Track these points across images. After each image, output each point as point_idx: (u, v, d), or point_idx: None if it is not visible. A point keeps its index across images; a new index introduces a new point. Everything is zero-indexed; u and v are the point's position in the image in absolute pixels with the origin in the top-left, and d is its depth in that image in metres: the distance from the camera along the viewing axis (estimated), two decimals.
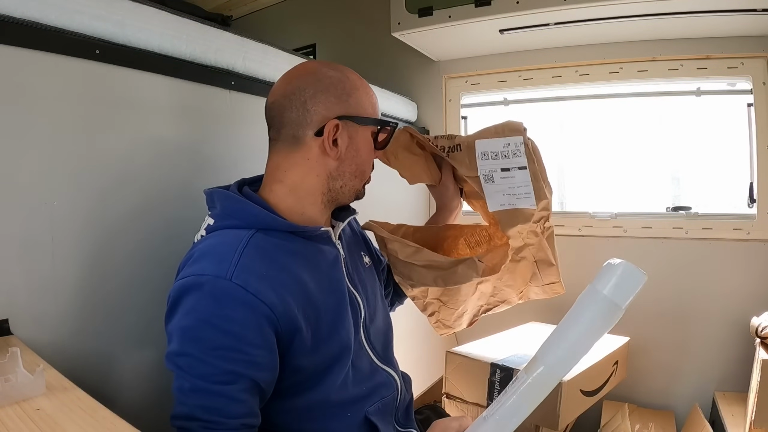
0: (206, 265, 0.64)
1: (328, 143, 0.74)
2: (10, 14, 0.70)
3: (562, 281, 1.07)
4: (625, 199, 1.78)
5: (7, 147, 0.70)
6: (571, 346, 0.61)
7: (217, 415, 0.60)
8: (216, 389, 0.60)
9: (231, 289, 0.61)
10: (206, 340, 0.61)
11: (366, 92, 0.79)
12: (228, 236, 0.68)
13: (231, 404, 0.61)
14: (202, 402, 0.60)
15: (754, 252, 1.51)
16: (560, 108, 1.92)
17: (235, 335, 0.61)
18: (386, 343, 0.86)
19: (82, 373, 0.76)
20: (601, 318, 0.60)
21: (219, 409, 0.60)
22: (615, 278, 0.60)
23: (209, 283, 0.62)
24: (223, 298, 0.61)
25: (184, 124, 0.96)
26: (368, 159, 0.80)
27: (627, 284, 0.60)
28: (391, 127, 0.81)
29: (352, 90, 0.77)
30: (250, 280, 0.62)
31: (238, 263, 0.63)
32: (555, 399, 1.15)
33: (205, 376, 0.61)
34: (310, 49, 2.28)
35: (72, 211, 0.78)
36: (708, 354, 1.56)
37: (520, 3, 1.39)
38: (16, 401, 0.52)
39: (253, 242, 0.67)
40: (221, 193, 0.73)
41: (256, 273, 0.64)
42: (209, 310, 0.61)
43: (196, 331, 0.61)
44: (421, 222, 1.17)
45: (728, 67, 1.54)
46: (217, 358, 0.61)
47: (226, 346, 0.61)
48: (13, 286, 0.71)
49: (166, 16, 0.92)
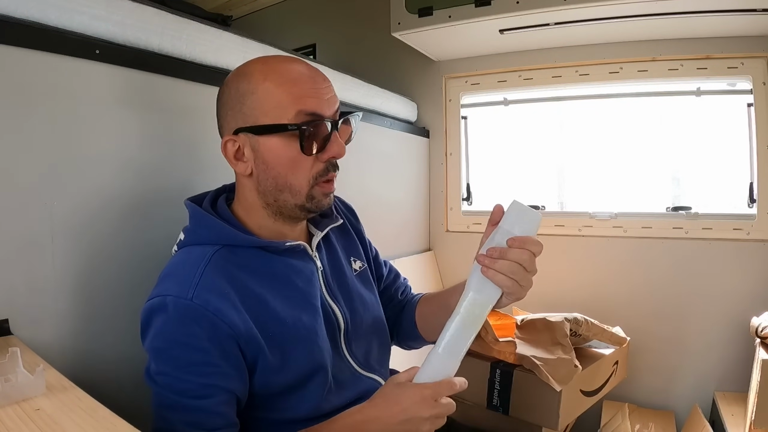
0: (170, 286, 0.64)
1: (231, 160, 0.71)
2: (10, 14, 0.70)
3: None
4: (625, 199, 1.78)
5: (7, 147, 0.70)
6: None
7: (200, 429, 0.61)
8: (195, 404, 0.62)
9: (192, 308, 0.62)
10: (178, 359, 0.62)
11: (269, 89, 0.67)
12: (193, 253, 0.69)
13: (210, 417, 0.62)
14: (183, 417, 0.62)
15: (754, 252, 1.51)
16: (560, 108, 1.92)
17: (204, 351, 0.62)
18: (370, 350, 0.83)
19: (82, 373, 0.76)
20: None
21: (200, 423, 0.62)
22: (512, 216, 0.67)
23: (172, 303, 0.62)
24: (185, 318, 0.62)
25: (184, 124, 0.96)
26: (288, 170, 0.69)
27: (521, 219, 0.66)
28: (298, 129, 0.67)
29: (249, 93, 0.68)
30: (210, 300, 0.63)
31: (198, 283, 0.63)
32: (555, 399, 1.15)
33: (183, 392, 0.62)
34: (310, 49, 2.28)
35: (72, 211, 0.78)
36: (708, 354, 1.56)
37: (520, 3, 1.39)
38: (16, 401, 0.52)
39: (214, 260, 0.67)
40: (191, 207, 0.74)
41: (216, 292, 0.64)
42: (176, 330, 0.62)
43: (168, 351, 0.63)
44: (421, 221, 1.18)
45: (728, 67, 1.54)
46: (191, 374, 0.62)
47: (198, 362, 0.62)
48: (13, 286, 0.71)
49: (166, 16, 0.92)
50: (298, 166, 0.69)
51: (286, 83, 0.68)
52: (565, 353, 1.19)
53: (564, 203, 1.95)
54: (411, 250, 1.88)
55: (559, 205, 1.95)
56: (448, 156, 1.97)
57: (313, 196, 0.71)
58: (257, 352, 0.66)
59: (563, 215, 1.82)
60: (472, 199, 1.99)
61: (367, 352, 0.83)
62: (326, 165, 0.71)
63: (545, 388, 1.14)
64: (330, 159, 0.71)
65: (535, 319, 1.28)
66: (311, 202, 0.72)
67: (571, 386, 1.17)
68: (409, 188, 1.89)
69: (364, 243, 0.94)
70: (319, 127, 0.69)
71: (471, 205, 1.99)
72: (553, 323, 1.24)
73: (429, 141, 1.99)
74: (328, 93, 0.70)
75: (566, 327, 1.24)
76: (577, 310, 1.37)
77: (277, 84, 0.68)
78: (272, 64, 0.70)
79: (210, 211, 0.73)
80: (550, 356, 1.18)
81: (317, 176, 0.71)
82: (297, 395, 0.70)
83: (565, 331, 1.23)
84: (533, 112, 1.95)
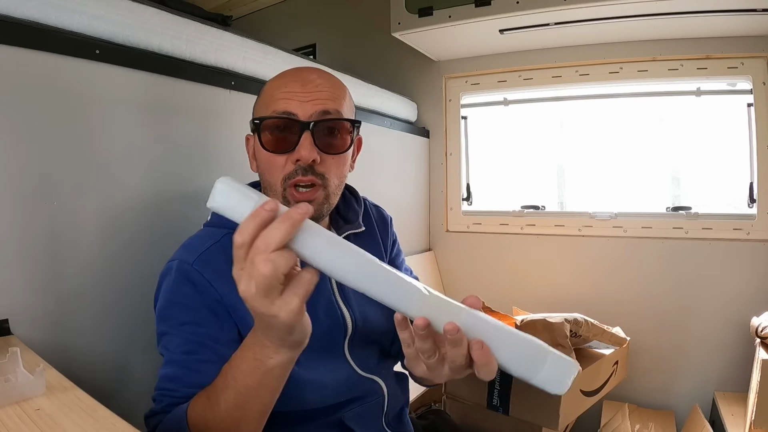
0: (179, 254, 0.70)
1: (249, 158, 0.76)
2: (10, 14, 0.70)
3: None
4: (625, 199, 1.78)
5: (7, 147, 0.70)
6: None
7: (174, 383, 0.63)
8: (180, 359, 0.64)
9: (190, 272, 0.67)
10: (173, 317, 0.66)
11: (266, 90, 0.73)
12: (209, 233, 0.73)
13: (188, 374, 0.63)
14: (167, 371, 0.64)
15: (754, 252, 1.51)
16: (560, 108, 1.92)
17: (194, 310, 0.66)
18: (372, 355, 0.82)
19: (82, 373, 0.76)
20: None
21: (178, 378, 0.63)
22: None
23: (175, 266, 0.68)
24: (182, 279, 0.67)
25: (184, 124, 0.96)
26: (266, 168, 0.72)
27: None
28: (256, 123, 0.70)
29: (259, 95, 0.75)
30: (207, 269, 0.67)
31: (201, 254, 0.68)
32: (555, 399, 1.15)
33: (173, 347, 0.65)
34: (310, 49, 2.28)
35: (72, 211, 0.78)
36: (708, 354, 1.56)
37: (520, 3, 1.39)
38: (16, 401, 0.52)
39: (224, 241, 0.69)
40: None
41: (215, 266, 0.67)
42: (173, 290, 0.67)
43: (165, 310, 0.67)
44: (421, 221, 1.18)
45: (728, 67, 1.54)
46: (183, 331, 0.65)
47: (189, 321, 0.66)
48: (13, 286, 0.71)
49: (166, 16, 0.92)
50: (272, 164, 0.71)
51: (277, 85, 0.72)
52: (565, 354, 1.19)
53: (564, 203, 1.95)
54: (411, 250, 1.88)
55: (559, 205, 1.95)
56: (448, 156, 1.97)
57: (288, 200, 0.70)
58: (244, 326, 0.68)
59: (563, 215, 1.82)
60: (472, 199, 1.99)
61: (369, 356, 0.82)
62: (296, 167, 0.69)
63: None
64: (297, 161, 0.69)
65: (535, 320, 1.28)
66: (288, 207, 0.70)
67: (571, 386, 1.17)
68: (409, 188, 1.89)
69: (390, 255, 0.93)
70: (284, 125, 0.69)
71: (471, 205, 1.99)
72: (553, 324, 1.24)
73: (429, 141, 1.99)
74: (311, 97, 0.69)
75: (566, 328, 1.24)
76: (577, 309, 1.37)
77: (272, 86, 0.72)
78: (287, 70, 0.74)
79: None
80: None
81: (287, 178, 0.70)
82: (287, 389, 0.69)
83: (565, 333, 1.22)
84: (533, 112, 1.95)
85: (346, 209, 0.85)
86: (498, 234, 1.88)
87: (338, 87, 0.74)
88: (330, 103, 0.71)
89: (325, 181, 0.71)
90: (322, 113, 0.70)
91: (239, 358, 0.56)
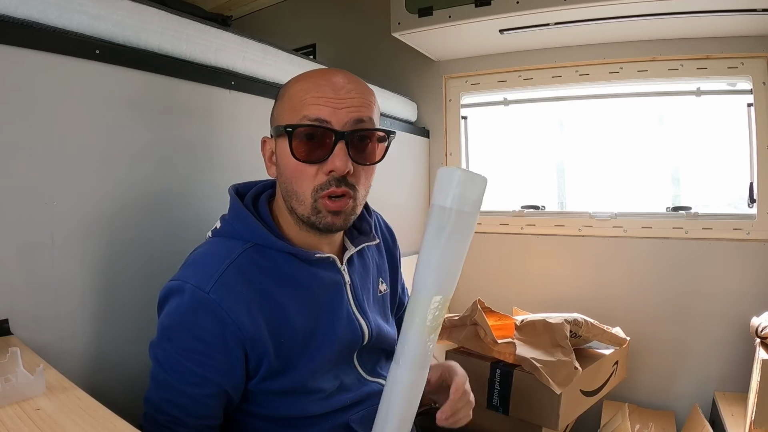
0: (191, 274, 0.66)
1: (266, 163, 0.74)
2: (10, 14, 0.70)
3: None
4: (625, 199, 1.78)
5: (7, 147, 0.70)
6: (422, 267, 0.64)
7: (181, 413, 0.64)
8: (183, 389, 0.64)
9: (206, 301, 0.63)
10: (179, 341, 0.64)
11: (292, 94, 0.69)
12: (222, 246, 0.69)
13: (195, 406, 0.64)
14: (171, 397, 0.64)
15: (754, 252, 1.51)
16: (560, 108, 1.92)
17: (205, 342, 0.64)
18: (378, 360, 0.84)
19: (82, 373, 0.76)
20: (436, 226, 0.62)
21: (184, 407, 0.64)
22: (436, 183, 0.60)
23: (189, 291, 0.64)
24: (198, 308, 0.63)
25: (184, 124, 0.96)
26: (293, 176, 0.68)
27: (446, 185, 0.58)
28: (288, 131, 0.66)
29: (281, 96, 0.72)
30: (225, 297, 0.64)
31: (219, 279, 0.64)
32: (555, 399, 1.15)
33: (176, 374, 0.64)
34: (310, 49, 2.28)
35: (72, 211, 0.78)
36: (708, 354, 1.56)
37: (520, 3, 1.39)
38: (16, 401, 0.52)
39: (240, 260, 0.67)
40: (232, 199, 0.74)
41: (234, 291, 0.65)
42: (185, 316, 0.64)
43: (172, 331, 0.65)
44: (421, 221, 1.19)
45: (728, 67, 1.54)
46: (187, 359, 0.64)
47: (197, 350, 0.64)
48: (13, 286, 0.71)
49: (166, 16, 0.92)
50: (301, 173, 0.68)
51: (306, 88, 0.67)
52: (565, 355, 1.19)
53: (564, 203, 1.95)
54: (411, 250, 1.87)
55: (559, 205, 1.95)
56: (448, 156, 1.97)
57: (319, 209, 0.68)
58: (263, 355, 0.67)
59: (563, 215, 1.82)
60: None
61: (376, 361, 0.83)
62: (328, 178, 0.67)
63: (545, 389, 1.14)
64: (330, 172, 0.67)
65: (535, 321, 1.28)
66: (317, 216, 0.68)
67: (571, 386, 1.17)
68: (409, 188, 1.88)
69: (395, 269, 0.93)
70: (318, 134, 0.66)
71: None
72: (552, 325, 1.24)
73: (429, 141, 1.99)
74: (345, 104, 0.66)
75: (566, 329, 1.24)
76: (577, 310, 1.37)
77: (299, 89, 0.68)
78: (311, 71, 0.71)
79: (250, 206, 0.73)
80: (549, 358, 1.18)
81: (318, 188, 0.67)
82: (293, 398, 0.70)
83: (565, 333, 1.22)
84: (533, 112, 1.95)
85: (359, 220, 0.82)
86: (498, 234, 1.88)
87: (368, 92, 0.71)
88: (364, 111, 0.68)
89: (355, 191, 0.69)
90: (356, 122, 0.67)
91: None
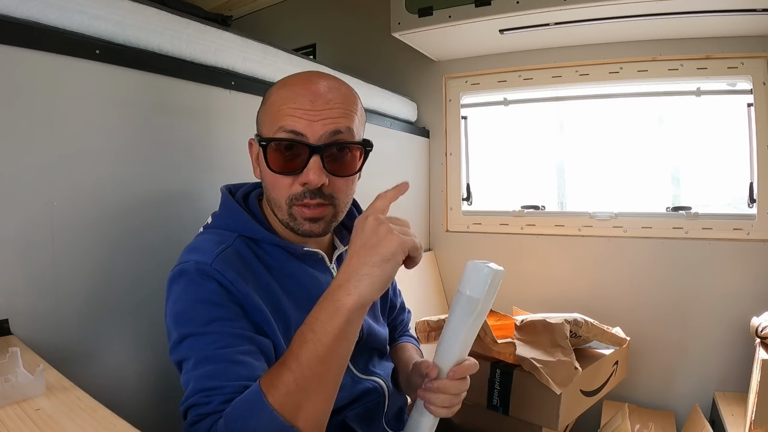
0: (191, 256, 0.67)
1: (253, 163, 0.75)
2: (10, 14, 0.70)
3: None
4: (625, 199, 1.78)
5: (7, 147, 0.70)
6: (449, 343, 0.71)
7: (220, 380, 0.58)
8: (216, 354, 0.60)
9: (210, 272, 0.64)
10: (200, 316, 0.62)
11: (273, 101, 0.68)
12: (216, 235, 0.71)
13: (232, 367, 0.59)
14: (205, 371, 0.59)
15: (754, 252, 1.51)
16: (560, 108, 1.92)
17: (222, 306, 0.63)
18: (370, 359, 0.84)
19: (82, 373, 0.76)
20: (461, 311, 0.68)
21: (220, 374, 0.59)
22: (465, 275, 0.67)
23: (192, 267, 0.65)
24: (204, 277, 0.64)
25: (184, 124, 0.96)
26: (270, 183, 0.70)
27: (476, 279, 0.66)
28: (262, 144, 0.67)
29: (264, 101, 0.72)
30: (227, 271, 0.65)
31: (218, 256, 0.66)
32: (555, 399, 1.15)
33: (205, 345, 0.61)
34: (310, 49, 2.28)
35: (72, 211, 0.78)
36: (708, 354, 1.56)
37: (520, 3, 1.39)
38: (16, 401, 0.53)
39: (236, 244, 0.69)
40: (224, 195, 0.76)
41: (233, 267, 0.66)
42: (197, 289, 0.64)
43: (190, 311, 0.63)
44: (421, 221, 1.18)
45: (728, 67, 1.54)
46: (213, 329, 0.62)
47: (219, 317, 0.62)
48: (13, 286, 0.71)
49: (166, 16, 0.92)
50: (276, 182, 0.69)
51: (284, 97, 0.67)
52: (564, 355, 1.19)
53: (564, 203, 1.95)
54: None
55: (559, 205, 1.95)
56: (448, 156, 1.97)
57: (294, 216, 0.69)
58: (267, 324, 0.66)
59: (563, 215, 1.82)
60: (472, 199, 1.99)
61: (368, 360, 0.83)
62: (303, 189, 0.67)
63: (545, 389, 1.14)
64: (304, 184, 0.67)
65: (535, 321, 1.28)
66: (294, 223, 0.70)
67: (571, 386, 1.17)
68: (409, 188, 1.88)
69: None
70: (293, 147, 0.66)
71: (471, 205, 1.99)
72: (552, 325, 1.24)
73: (429, 141, 1.99)
74: (321, 115, 0.66)
75: (566, 329, 1.23)
76: (577, 309, 1.37)
77: (279, 97, 0.68)
78: (294, 77, 0.71)
79: (240, 202, 0.75)
80: (549, 358, 1.18)
81: (293, 198, 0.68)
82: None
83: (564, 333, 1.22)
84: (533, 112, 1.95)
85: (349, 218, 0.83)
86: (498, 234, 1.88)
87: (349, 99, 0.70)
88: (341, 122, 0.67)
89: (333, 200, 0.70)
90: (333, 133, 0.67)
91: (316, 310, 0.57)
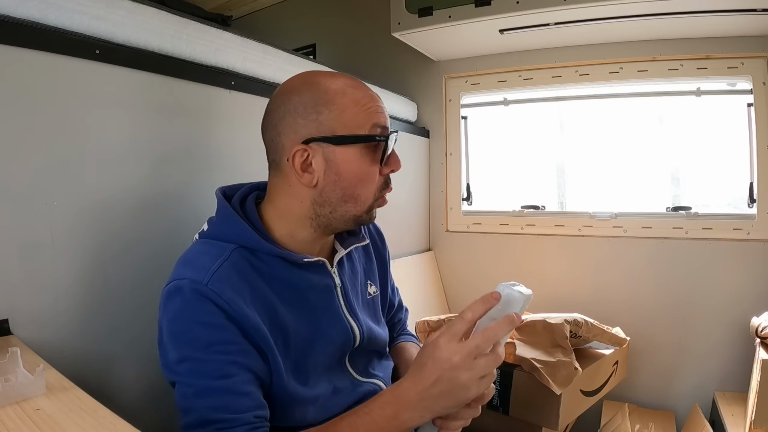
0: (186, 272, 0.65)
1: (297, 171, 0.70)
2: (10, 14, 0.70)
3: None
4: (625, 199, 1.78)
5: (7, 147, 0.70)
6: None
7: (228, 412, 0.59)
8: (220, 385, 0.60)
9: (206, 292, 0.63)
10: (198, 339, 0.62)
11: (347, 103, 0.70)
12: (213, 247, 0.69)
13: (238, 399, 0.61)
14: (210, 403, 0.60)
15: (754, 252, 1.51)
16: (560, 108, 1.92)
17: (222, 328, 0.62)
18: (370, 361, 0.84)
19: (82, 373, 0.76)
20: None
21: (228, 406, 0.60)
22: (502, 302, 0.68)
23: (187, 286, 0.63)
24: (201, 298, 0.63)
25: (184, 124, 0.96)
26: (359, 181, 0.71)
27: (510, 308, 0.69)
28: (380, 140, 0.71)
29: (326, 105, 0.69)
30: (224, 289, 0.63)
31: (215, 273, 0.64)
32: (555, 399, 1.15)
33: (207, 374, 0.61)
34: (310, 49, 2.28)
35: (72, 211, 0.78)
36: (708, 354, 1.56)
37: (520, 3, 1.39)
38: (16, 401, 0.52)
39: (233, 257, 0.67)
40: (220, 201, 0.74)
41: (230, 284, 0.64)
42: (194, 311, 0.62)
43: (187, 333, 0.62)
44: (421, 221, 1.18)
45: (728, 67, 1.54)
46: (213, 353, 0.61)
47: (218, 341, 0.62)
48: (13, 286, 0.71)
49: (166, 16, 0.92)
50: (369, 178, 0.72)
51: (362, 99, 0.71)
52: (564, 355, 1.19)
53: (564, 203, 1.95)
54: (411, 250, 1.88)
55: (559, 205, 1.95)
56: (448, 156, 1.97)
57: (372, 208, 0.75)
58: (267, 348, 0.66)
59: (563, 215, 1.82)
60: (472, 199, 1.99)
61: (368, 362, 0.83)
62: (386, 179, 0.75)
63: (545, 389, 1.14)
64: (390, 173, 0.75)
65: (535, 321, 1.28)
66: (368, 215, 0.75)
67: (571, 386, 1.17)
68: (409, 188, 1.89)
69: (385, 270, 0.93)
70: (387, 141, 0.73)
71: (471, 205, 1.99)
72: (552, 325, 1.24)
73: (429, 141, 1.99)
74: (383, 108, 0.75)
75: (566, 329, 1.23)
76: (577, 310, 1.37)
77: (354, 99, 0.71)
78: (343, 79, 0.73)
79: (237, 208, 0.73)
80: (549, 359, 1.18)
81: (380, 189, 0.74)
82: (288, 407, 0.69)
83: (564, 333, 1.22)
84: (533, 112, 1.95)
85: None
86: (498, 234, 1.88)
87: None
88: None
89: None
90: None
91: (376, 413, 0.61)
